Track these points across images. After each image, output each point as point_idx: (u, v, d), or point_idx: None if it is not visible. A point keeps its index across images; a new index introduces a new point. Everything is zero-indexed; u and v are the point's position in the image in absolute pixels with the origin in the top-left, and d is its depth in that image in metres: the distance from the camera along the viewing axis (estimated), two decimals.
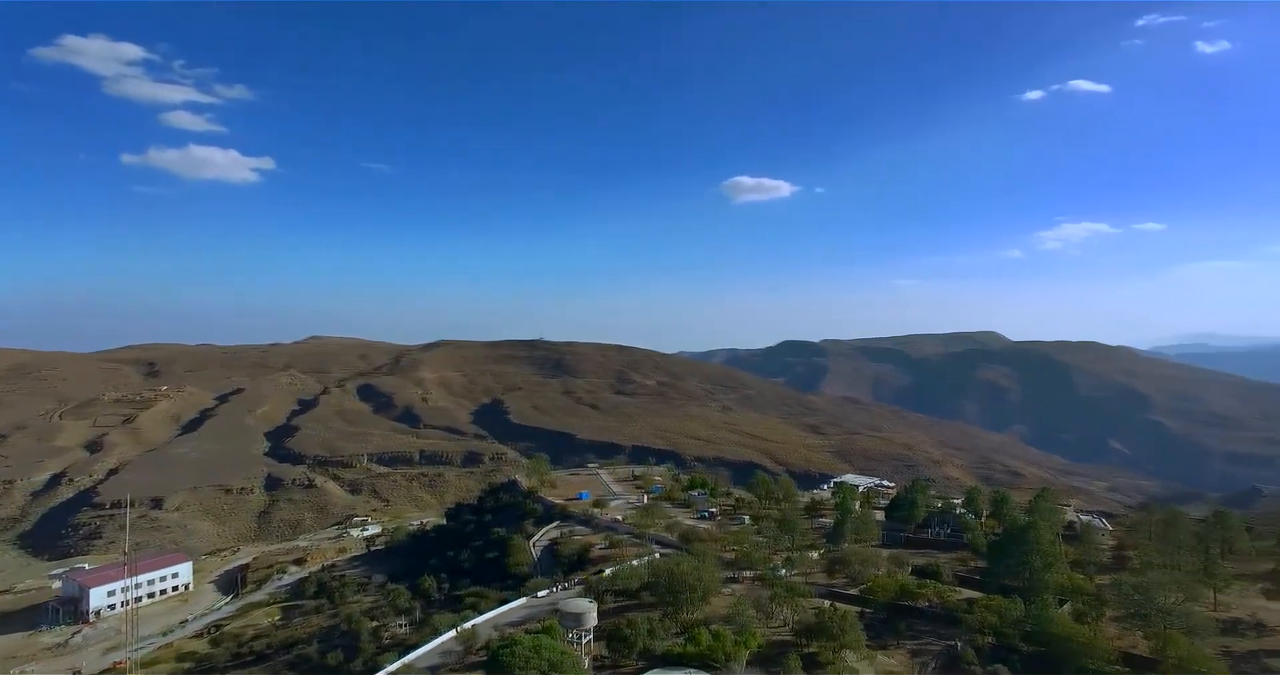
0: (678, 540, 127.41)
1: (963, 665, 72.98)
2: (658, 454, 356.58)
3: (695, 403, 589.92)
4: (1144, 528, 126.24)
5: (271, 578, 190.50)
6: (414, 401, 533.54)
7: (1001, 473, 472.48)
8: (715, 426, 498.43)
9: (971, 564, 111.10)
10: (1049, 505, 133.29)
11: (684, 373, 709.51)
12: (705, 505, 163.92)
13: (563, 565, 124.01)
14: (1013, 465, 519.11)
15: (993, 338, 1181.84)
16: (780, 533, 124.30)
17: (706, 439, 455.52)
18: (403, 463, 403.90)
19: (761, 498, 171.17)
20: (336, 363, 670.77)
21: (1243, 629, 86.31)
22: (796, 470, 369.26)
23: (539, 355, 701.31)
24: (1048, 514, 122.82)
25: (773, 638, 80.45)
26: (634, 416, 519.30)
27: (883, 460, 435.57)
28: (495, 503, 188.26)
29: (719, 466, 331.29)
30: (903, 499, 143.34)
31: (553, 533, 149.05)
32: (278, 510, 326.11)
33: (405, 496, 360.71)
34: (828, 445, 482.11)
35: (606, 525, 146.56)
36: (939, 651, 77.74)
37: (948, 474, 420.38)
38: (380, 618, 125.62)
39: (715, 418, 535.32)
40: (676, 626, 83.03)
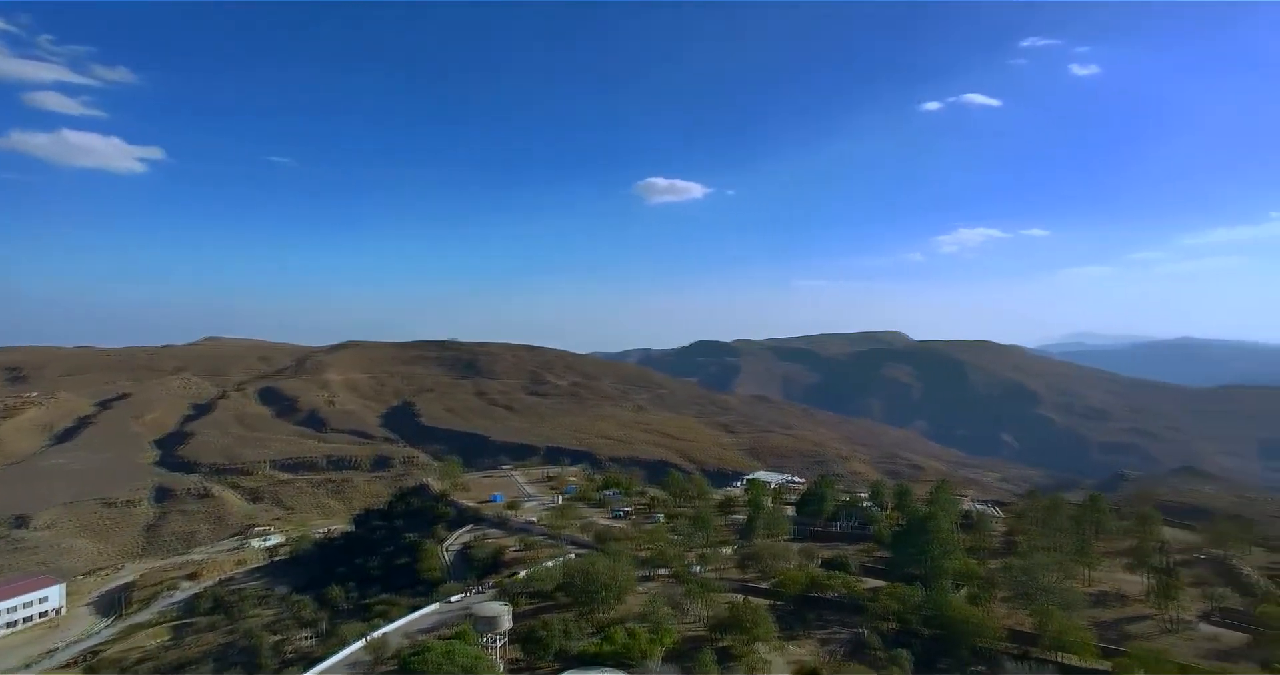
0: (592, 540, 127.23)
1: (868, 651, 75.93)
2: (572, 454, 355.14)
3: (609, 402, 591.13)
4: (1030, 514, 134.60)
5: (160, 596, 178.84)
6: (319, 404, 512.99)
7: (904, 467, 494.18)
8: (629, 426, 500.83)
9: (877, 554, 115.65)
10: (947, 497, 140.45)
11: (598, 373, 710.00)
12: (619, 504, 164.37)
13: (476, 569, 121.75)
14: (914, 459, 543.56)
15: (896, 337, 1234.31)
16: (694, 530, 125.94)
17: (620, 438, 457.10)
18: (307, 468, 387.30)
19: (675, 496, 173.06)
20: (235, 365, 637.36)
21: (1109, 600, 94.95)
22: (709, 468, 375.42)
23: (450, 356, 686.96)
24: (946, 505, 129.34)
25: (687, 633, 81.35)
26: (548, 417, 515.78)
27: (793, 457, 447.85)
28: (406, 507, 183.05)
29: (633, 466, 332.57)
30: (812, 494, 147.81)
31: (466, 536, 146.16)
32: (168, 523, 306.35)
33: (310, 503, 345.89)
34: (740, 443, 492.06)
35: (521, 527, 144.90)
36: (846, 639, 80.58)
37: (854, 469, 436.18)
38: (283, 631, 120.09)
39: (629, 417, 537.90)
40: (592, 626, 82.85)
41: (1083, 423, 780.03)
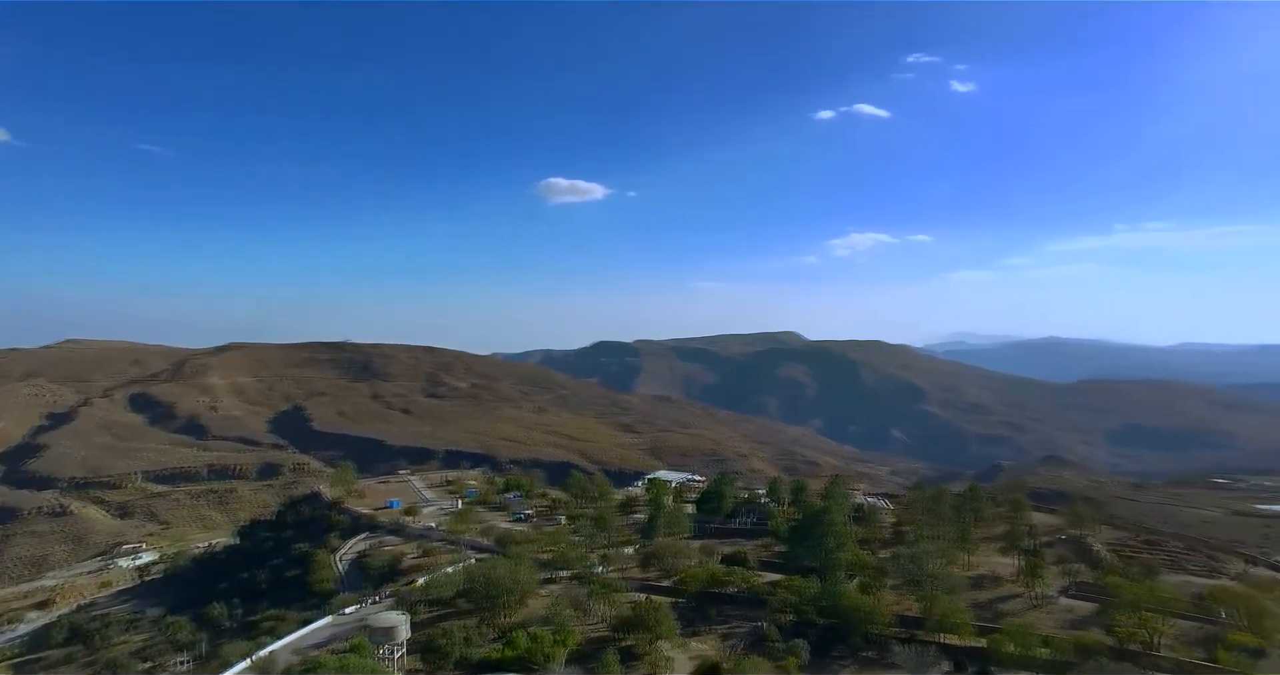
0: (494, 544, 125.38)
1: (767, 643, 78.28)
2: (472, 457, 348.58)
3: (510, 404, 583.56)
4: (917, 505, 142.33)
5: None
6: (200, 411, 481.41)
7: (801, 463, 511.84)
8: (530, 428, 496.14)
9: (775, 549, 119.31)
10: (840, 491, 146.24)
11: (498, 374, 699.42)
12: (521, 507, 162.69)
13: (372, 578, 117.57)
14: (810, 456, 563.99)
15: (792, 337, 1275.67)
16: (595, 531, 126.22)
17: (522, 440, 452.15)
18: (186, 479, 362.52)
19: (577, 497, 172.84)
20: (101, 370, 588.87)
21: (985, 582, 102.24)
22: (611, 468, 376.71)
23: (344, 358, 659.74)
24: (839, 499, 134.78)
25: (591, 634, 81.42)
26: (447, 420, 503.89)
27: (693, 456, 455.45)
28: (296, 517, 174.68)
29: (534, 467, 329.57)
30: (712, 492, 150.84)
31: (361, 545, 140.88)
32: (12, 546, 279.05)
33: (189, 517, 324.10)
34: (641, 443, 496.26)
35: (419, 533, 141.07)
36: (746, 633, 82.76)
37: (753, 467, 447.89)
38: (155, 657, 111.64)
39: (530, 419, 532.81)
40: (494, 631, 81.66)
41: (963, 417, 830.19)
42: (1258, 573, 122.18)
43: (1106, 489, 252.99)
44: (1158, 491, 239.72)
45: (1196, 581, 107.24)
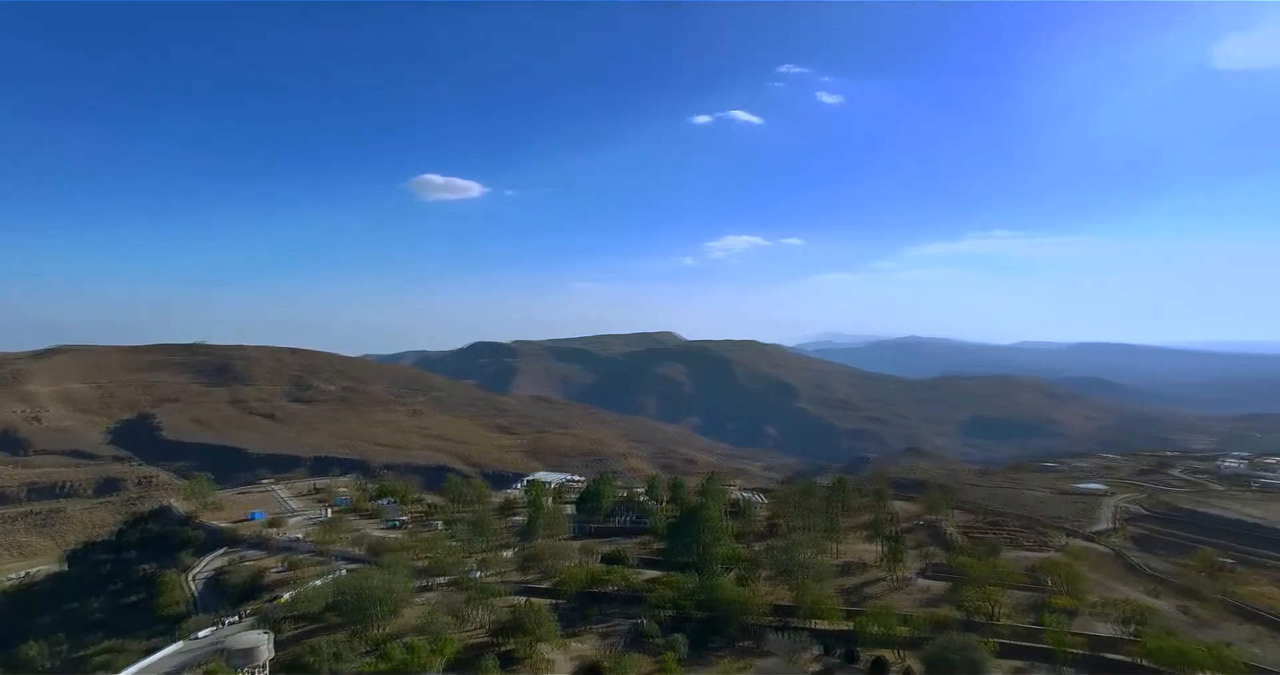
0: (366, 553, 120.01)
1: (646, 639, 79.25)
2: (343, 464, 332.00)
3: (383, 407, 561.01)
4: (789, 499, 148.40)
5: None
6: (18, 423, 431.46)
7: (678, 461, 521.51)
8: (405, 431, 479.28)
9: (654, 546, 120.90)
10: (717, 488, 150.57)
11: (370, 376, 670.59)
12: (395, 514, 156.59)
13: (231, 597, 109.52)
14: (688, 454, 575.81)
15: (670, 337, 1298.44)
16: (473, 535, 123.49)
17: (396, 444, 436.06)
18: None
19: (454, 501, 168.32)
20: None
21: (852, 569, 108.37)
22: (490, 471, 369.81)
23: (200, 361, 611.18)
24: (715, 496, 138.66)
25: (469, 641, 79.60)
26: (315, 425, 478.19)
27: (573, 456, 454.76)
28: (142, 535, 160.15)
29: (410, 472, 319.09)
30: (591, 492, 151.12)
31: (218, 561, 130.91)
32: None
33: (2, 544, 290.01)
34: (520, 444, 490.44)
35: (284, 545, 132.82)
36: (625, 630, 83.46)
37: (632, 466, 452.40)
38: None
39: (405, 422, 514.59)
40: (366, 645, 78.16)
41: (832, 413, 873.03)
42: (1075, 543, 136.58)
43: (958, 477, 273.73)
44: (1000, 477, 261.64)
45: (1030, 556, 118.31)
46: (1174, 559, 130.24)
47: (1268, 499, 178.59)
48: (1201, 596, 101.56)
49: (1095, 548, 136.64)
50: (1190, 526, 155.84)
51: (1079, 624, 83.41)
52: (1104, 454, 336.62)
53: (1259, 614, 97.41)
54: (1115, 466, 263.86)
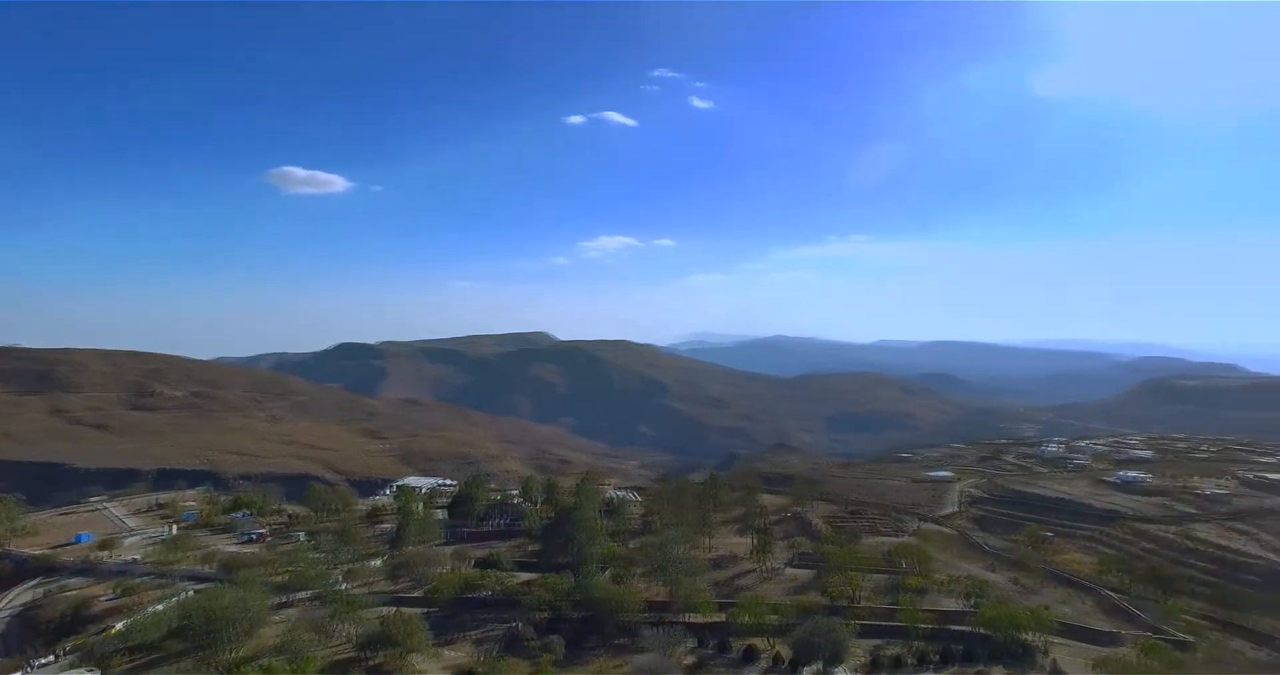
0: (217, 571, 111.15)
1: (522, 643, 78.19)
2: (191, 476, 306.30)
3: (239, 414, 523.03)
4: (662, 496, 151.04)
5: None
6: None
7: (553, 462, 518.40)
8: (264, 438, 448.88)
9: (529, 548, 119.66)
10: (591, 487, 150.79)
11: (223, 381, 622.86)
12: (251, 527, 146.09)
13: (46, 633, 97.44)
14: (562, 454, 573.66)
15: (543, 337, 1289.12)
16: (339, 545, 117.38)
17: (253, 453, 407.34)
18: None
19: (318, 510, 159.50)
20: None
21: (724, 562, 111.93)
22: (357, 477, 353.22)
23: (14, 367, 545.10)
24: (590, 495, 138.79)
25: (335, 657, 75.57)
26: (158, 435, 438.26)
27: (445, 459, 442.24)
28: None
29: (269, 482, 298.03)
30: (463, 495, 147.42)
31: (27, 594, 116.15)
32: None
33: None
34: (389, 449, 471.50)
35: (118, 569, 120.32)
36: (500, 635, 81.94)
37: (506, 467, 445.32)
38: None
39: (263, 429, 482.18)
40: (217, 671, 72.35)
41: (704, 411, 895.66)
42: (926, 527, 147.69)
43: (823, 470, 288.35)
44: (861, 468, 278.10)
45: (887, 541, 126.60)
46: (1007, 536, 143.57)
47: (1078, 477, 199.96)
48: (1027, 567, 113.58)
49: (943, 530, 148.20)
50: (1020, 506, 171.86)
51: (929, 601, 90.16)
52: (952, 444, 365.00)
53: (1068, 578, 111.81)
54: (961, 455, 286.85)
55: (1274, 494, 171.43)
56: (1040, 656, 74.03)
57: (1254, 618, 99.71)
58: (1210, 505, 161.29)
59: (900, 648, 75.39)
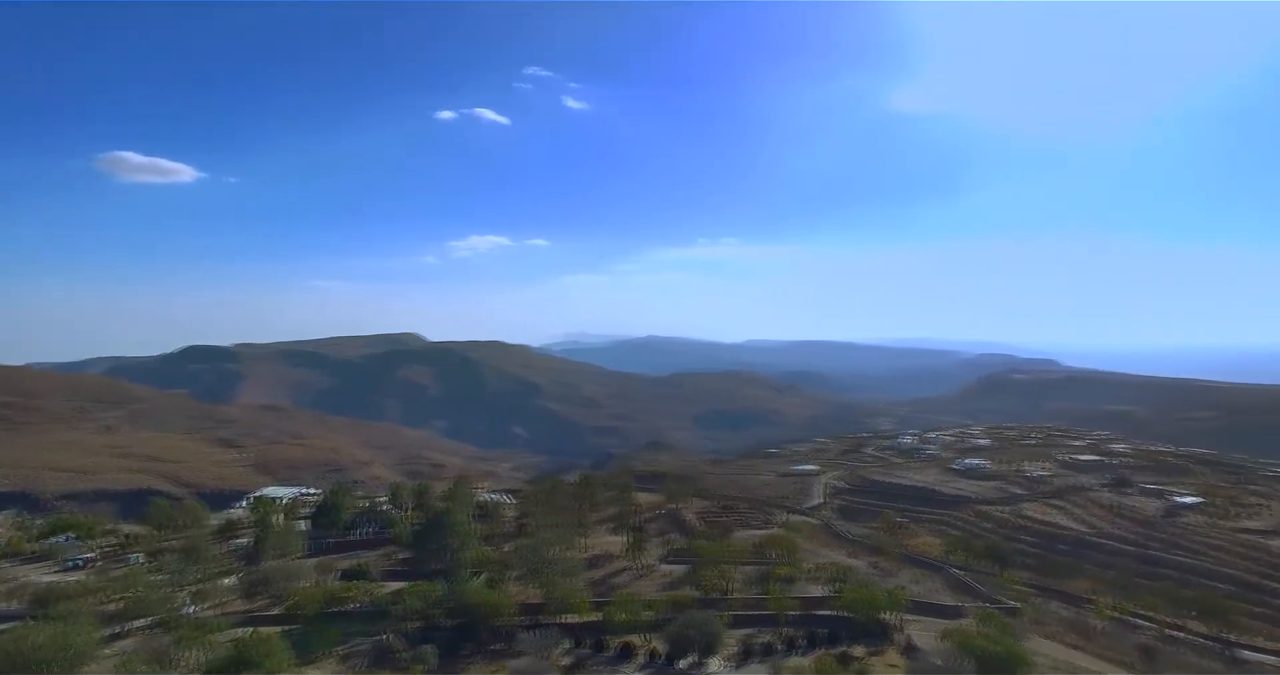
0: (27, 606, 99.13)
1: (392, 655, 75.03)
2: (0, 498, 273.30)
3: (64, 425, 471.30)
4: (536, 497, 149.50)
5: None
6: None
7: (425, 466, 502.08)
8: (94, 452, 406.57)
9: (399, 557, 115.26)
10: (464, 491, 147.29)
11: (44, 389, 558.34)
12: (76, 552, 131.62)
13: None
14: (434, 458, 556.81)
15: (413, 338, 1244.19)
16: (185, 564, 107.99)
17: (80, 469, 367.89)
18: None
19: (160, 528, 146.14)
20: None
21: (599, 561, 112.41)
22: (208, 491, 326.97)
23: None
24: (463, 499, 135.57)
25: None
26: None
27: (308, 468, 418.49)
28: None
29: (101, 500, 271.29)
30: (328, 504, 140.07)
31: None
32: None
33: None
34: (245, 459, 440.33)
35: None
36: (369, 649, 78.26)
37: (375, 474, 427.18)
38: None
39: (94, 441, 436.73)
40: None
41: (578, 411, 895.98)
42: (793, 519, 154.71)
43: (695, 467, 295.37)
44: (732, 464, 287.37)
45: (757, 533, 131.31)
46: (867, 523, 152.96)
47: (929, 466, 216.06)
48: (885, 552, 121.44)
49: (810, 521, 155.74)
50: (879, 495, 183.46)
51: (797, 588, 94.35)
52: (817, 439, 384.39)
53: (920, 560, 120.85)
54: (825, 449, 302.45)
55: (1083, 473, 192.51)
56: (896, 633, 79.14)
57: (1066, 581, 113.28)
58: (1035, 486, 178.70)
59: (770, 635, 78.31)
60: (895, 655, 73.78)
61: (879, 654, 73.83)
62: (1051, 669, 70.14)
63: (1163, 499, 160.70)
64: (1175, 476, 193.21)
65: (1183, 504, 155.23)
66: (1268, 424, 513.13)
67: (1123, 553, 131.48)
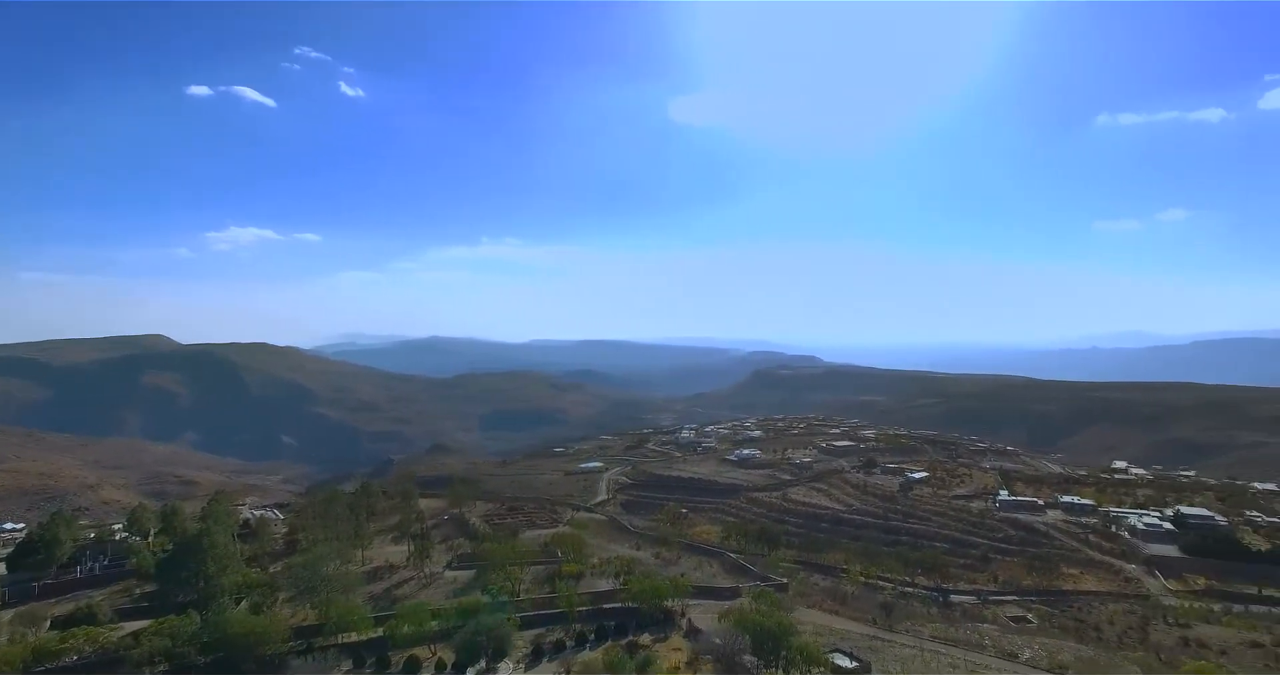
0: None
1: None
2: None
3: None
4: (309, 510, 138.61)
5: None
6: None
7: (174, 484, 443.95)
8: None
9: (140, 591, 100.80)
10: (223, 508, 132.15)
11: None
12: None
13: None
14: (187, 475, 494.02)
15: (160, 341, 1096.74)
16: None
17: None
18: None
19: None
20: None
21: (381, 573, 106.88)
22: None
23: None
24: (222, 518, 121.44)
25: None
26: None
27: (11, 498, 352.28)
28: None
29: None
30: (38, 540, 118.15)
31: None
32: None
33: None
34: None
35: None
36: None
37: (108, 498, 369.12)
38: None
39: None
40: None
41: (355, 416, 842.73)
42: (580, 516, 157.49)
43: (481, 468, 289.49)
44: (518, 465, 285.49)
45: (544, 532, 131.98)
46: (651, 516, 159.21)
47: (707, 458, 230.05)
48: (668, 542, 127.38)
49: (596, 517, 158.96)
50: (661, 488, 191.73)
51: (584, 584, 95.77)
52: (601, 436, 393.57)
53: (701, 547, 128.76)
54: (609, 446, 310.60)
55: (839, 457, 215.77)
56: (679, 619, 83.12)
57: (825, 555, 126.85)
58: (800, 471, 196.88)
59: (561, 632, 78.70)
60: (679, 639, 77.44)
61: (664, 640, 77.07)
62: (814, 633, 77.44)
63: (900, 476, 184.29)
64: (910, 456, 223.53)
65: (915, 479, 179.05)
66: (977, 408, 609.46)
67: (869, 525, 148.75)
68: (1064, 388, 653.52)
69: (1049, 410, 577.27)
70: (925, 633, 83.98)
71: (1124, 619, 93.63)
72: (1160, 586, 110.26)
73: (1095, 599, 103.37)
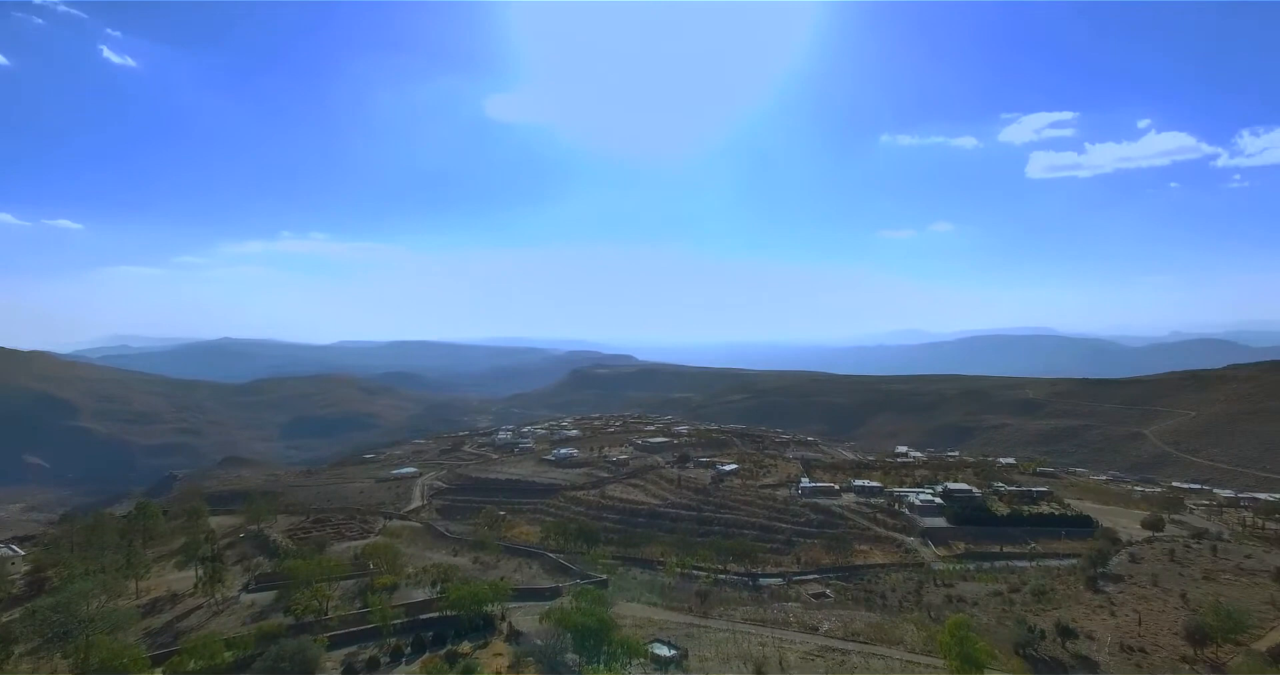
0: None
1: None
2: None
3: None
4: (66, 541, 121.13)
5: None
6: None
7: None
8: None
9: None
10: None
11: None
12: None
13: None
14: None
15: None
16: None
17: None
18: None
19: None
20: None
21: (162, 605, 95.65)
22: None
23: None
24: None
25: None
26: None
27: None
28: None
29: None
30: None
31: None
32: None
33: None
34: None
35: None
36: None
37: None
38: None
39: None
40: None
41: (129, 429, 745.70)
42: (393, 524, 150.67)
43: (283, 480, 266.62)
44: (325, 474, 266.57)
45: (355, 544, 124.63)
46: (469, 520, 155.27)
47: (525, 459, 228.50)
48: (486, 546, 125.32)
49: (411, 524, 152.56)
50: (479, 491, 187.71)
51: (400, 596, 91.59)
52: (415, 440, 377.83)
53: (520, 549, 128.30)
54: (424, 450, 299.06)
55: (655, 453, 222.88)
56: (499, 623, 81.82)
57: (643, 549, 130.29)
58: (617, 468, 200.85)
59: (375, 648, 74.72)
60: (501, 644, 76.27)
61: (485, 646, 75.57)
62: (634, 626, 79.47)
63: (712, 469, 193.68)
64: (721, 449, 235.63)
65: (725, 471, 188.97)
66: (782, 401, 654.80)
67: (685, 518, 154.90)
68: (855, 381, 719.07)
69: (843, 402, 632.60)
70: (737, 616, 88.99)
71: (904, 586, 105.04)
72: (932, 554, 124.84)
73: (882, 571, 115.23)
